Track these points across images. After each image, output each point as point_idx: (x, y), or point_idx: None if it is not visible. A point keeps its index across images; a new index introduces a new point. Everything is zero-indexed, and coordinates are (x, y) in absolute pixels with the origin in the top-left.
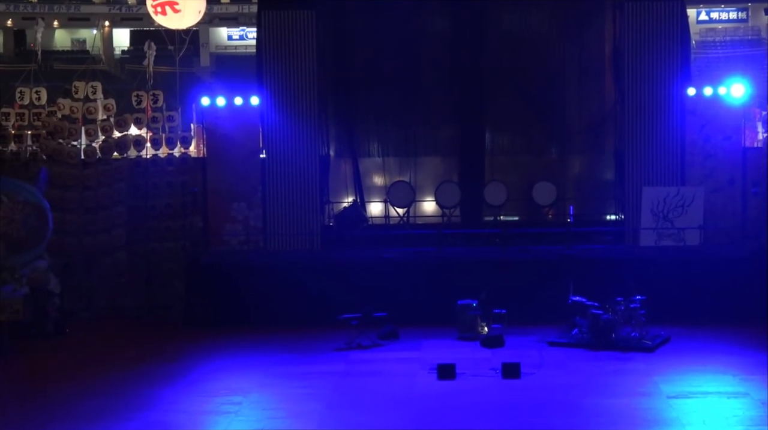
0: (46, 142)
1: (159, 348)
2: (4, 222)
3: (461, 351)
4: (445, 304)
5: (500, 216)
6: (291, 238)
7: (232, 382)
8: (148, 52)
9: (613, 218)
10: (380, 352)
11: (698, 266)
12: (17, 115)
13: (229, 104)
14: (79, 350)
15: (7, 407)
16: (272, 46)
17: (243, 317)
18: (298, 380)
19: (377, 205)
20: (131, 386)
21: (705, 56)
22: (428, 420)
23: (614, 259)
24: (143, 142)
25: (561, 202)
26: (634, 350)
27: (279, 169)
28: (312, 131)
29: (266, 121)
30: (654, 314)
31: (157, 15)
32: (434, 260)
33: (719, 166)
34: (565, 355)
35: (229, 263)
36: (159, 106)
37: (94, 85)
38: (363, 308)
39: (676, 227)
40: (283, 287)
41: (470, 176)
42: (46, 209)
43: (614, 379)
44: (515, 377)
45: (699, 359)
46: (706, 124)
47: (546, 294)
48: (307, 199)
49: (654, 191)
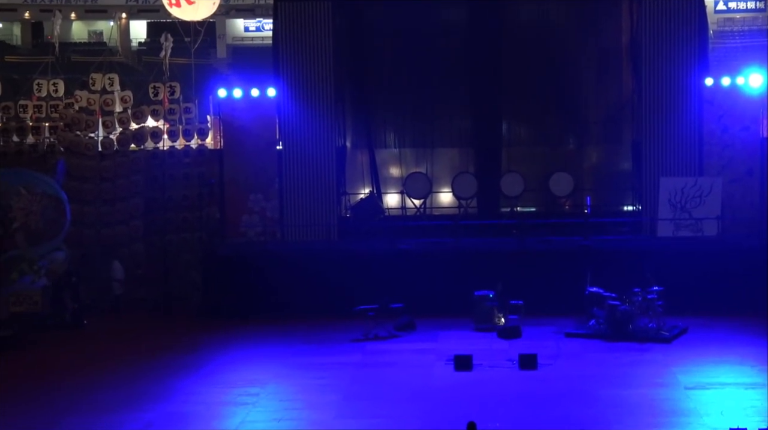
0: (64, 134)
1: (176, 339)
2: (23, 214)
3: (478, 342)
4: (461, 295)
5: (517, 207)
6: (308, 229)
7: (250, 373)
8: (165, 44)
9: (630, 208)
10: (397, 343)
11: (716, 257)
12: (35, 108)
13: (246, 96)
14: (96, 340)
15: (27, 397)
16: (289, 38)
17: (260, 308)
18: (315, 370)
19: (394, 196)
20: (149, 377)
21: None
22: (445, 411)
23: (631, 250)
24: (160, 134)
25: (578, 193)
26: (652, 340)
27: (296, 161)
28: (329, 123)
29: (283, 113)
30: (671, 305)
31: (171, 7)
32: (451, 251)
33: (737, 157)
34: (583, 346)
35: (245, 254)
36: (176, 97)
37: (111, 77)
38: (380, 299)
39: (693, 217)
40: (299, 278)
41: (487, 167)
42: (64, 201)
43: (632, 370)
44: (532, 368)
45: (716, 349)
46: (724, 114)
47: (563, 285)
48: (324, 191)
49: (671, 182)
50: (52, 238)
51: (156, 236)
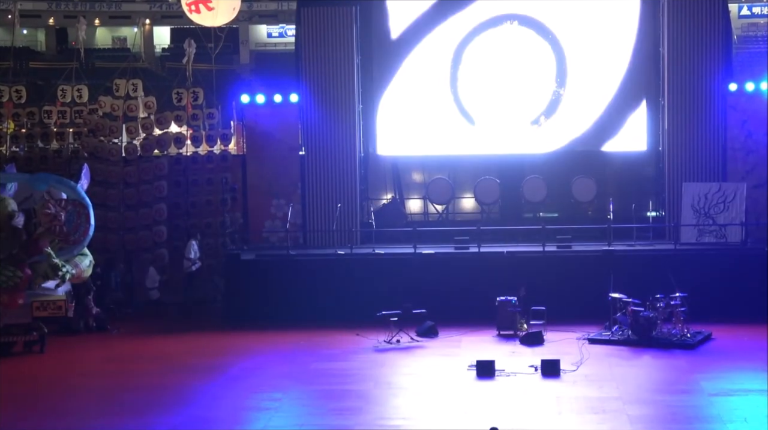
0: (88, 139)
1: (200, 343)
2: (47, 219)
3: (500, 348)
4: (484, 300)
5: (540, 213)
6: (330, 234)
7: (272, 378)
8: (188, 50)
9: (653, 214)
10: (419, 348)
11: (740, 263)
12: (59, 113)
13: (269, 101)
14: (121, 344)
15: (52, 400)
16: (312, 43)
17: (282, 313)
18: (336, 376)
19: (416, 202)
20: (173, 381)
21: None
22: (467, 416)
23: (655, 255)
24: (183, 140)
25: (601, 199)
26: (675, 347)
27: (318, 166)
28: (351, 128)
29: (305, 118)
30: (695, 311)
31: (191, 13)
32: (473, 257)
33: (761, 162)
34: (606, 352)
35: (268, 260)
36: (199, 103)
37: (134, 83)
38: (402, 304)
39: (717, 223)
40: (322, 283)
41: (509, 172)
42: (88, 206)
43: (655, 376)
44: (555, 374)
45: (740, 356)
46: (748, 119)
47: (586, 291)
48: (347, 196)
49: (695, 187)
50: (76, 243)
51: (179, 242)
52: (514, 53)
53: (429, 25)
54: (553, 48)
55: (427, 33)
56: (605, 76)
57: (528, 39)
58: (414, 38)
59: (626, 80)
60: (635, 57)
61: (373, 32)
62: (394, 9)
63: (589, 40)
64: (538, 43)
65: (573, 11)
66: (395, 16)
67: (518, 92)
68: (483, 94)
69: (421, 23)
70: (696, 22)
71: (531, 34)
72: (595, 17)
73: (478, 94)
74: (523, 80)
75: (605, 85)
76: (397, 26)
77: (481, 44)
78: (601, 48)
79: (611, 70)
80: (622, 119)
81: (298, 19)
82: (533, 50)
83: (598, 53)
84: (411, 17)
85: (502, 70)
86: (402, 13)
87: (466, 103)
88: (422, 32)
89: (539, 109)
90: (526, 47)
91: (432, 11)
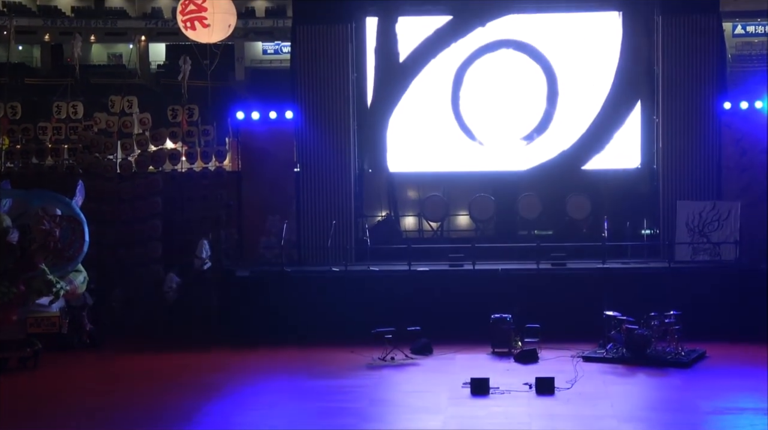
0: (83, 155)
1: (195, 360)
2: (42, 235)
3: (495, 366)
4: (478, 318)
5: (534, 230)
6: (325, 251)
7: (267, 395)
8: (184, 67)
9: (648, 232)
10: (414, 366)
11: (734, 281)
12: (54, 129)
13: (264, 118)
14: (115, 361)
15: (47, 418)
16: (307, 60)
17: (277, 330)
18: (331, 393)
19: (411, 219)
20: (166, 399)
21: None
22: None
23: (649, 273)
24: (178, 156)
25: (595, 217)
26: (670, 365)
27: (313, 183)
28: (346, 145)
29: (301, 135)
30: (689, 329)
31: (187, 30)
32: (468, 274)
33: (756, 180)
34: (600, 370)
35: (263, 276)
36: (194, 120)
37: (130, 100)
38: (397, 321)
39: (711, 241)
40: (317, 300)
41: (504, 190)
42: (83, 222)
43: (650, 394)
44: (549, 392)
45: (735, 375)
46: (742, 137)
47: (580, 308)
48: (342, 213)
49: (689, 205)
50: (71, 259)
51: (174, 258)
52: (510, 76)
53: (433, 49)
54: (544, 71)
55: (431, 57)
56: (598, 94)
57: (522, 63)
58: (420, 62)
59: (620, 98)
60: (628, 74)
61: (382, 54)
62: (403, 34)
63: (581, 62)
64: (531, 67)
65: (564, 34)
66: (403, 40)
67: (513, 111)
68: (483, 112)
69: (427, 47)
70: (690, 41)
71: (525, 58)
72: (585, 40)
73: (478, 112)
74: (518, 100)
75: (598, 103)
76: (405, 49)
77: (480, 67)
78: (593, 68)
79: (604, 89)
80: (617, 137)
81: (293, 36)
82: (527, 73)
83: (590, 73)
84: (417, 41)
85: (499, 91)
86: (409, 38)
87: (468, 121)
88: (428, 56)
89: (532, 126)
90: (521, 70)
91: (435, 38)
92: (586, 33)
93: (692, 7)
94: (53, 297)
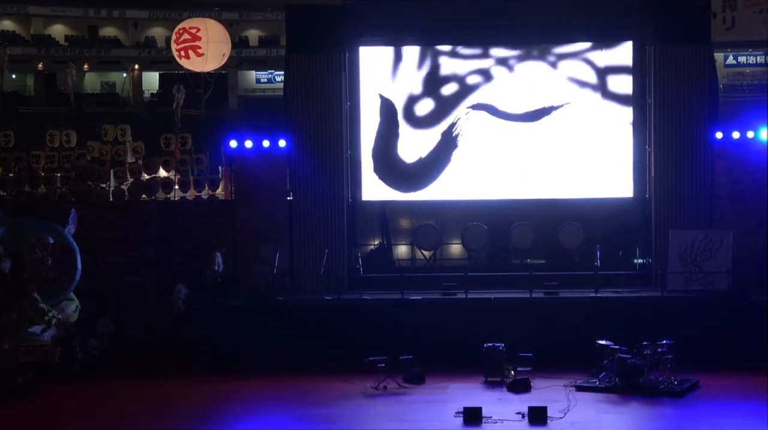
0: (76, 184)
1: (188, 388)
2: (35, 263)
3: (487, 395)
4: (471, 347)
5: (527, 259)
6: (318, 280)
7: (259, 423)
8: (177, 96)
9: (640, 261)
10: (406, 395)
11: (727, 310)
12: (47, 158)
13: (257, 147)
14: (107, 389)
15: None
16: (300, 89)
17: (270, 358)
18: (324, 422)
19: (404, 247)
20: (158, 427)
21: (733, 100)
22: None
23: (642, 302)
24: (171, 185)
25: (588, 246)
26: (663, 394)
27: (306, 212)
28: (339, 174)
29: (294, 164)
30: (682, 359)
31: (181, 59)
32: (461, 303)
33: (748, 210)
34: (593, 399)
35: (256, 304)
36: (187, 148)
37: (123, 128)
38: (389, 350)
39: (704, 270)
40: (309, 329)
41: (497, 219)
42: (76, 251)
43: (642, 424)
44: (542, 422)
45: (728, 404)
46: (734, 167)
47: (573, 337)
48: (334, 242)
49: (682, 235)
50: (63, 288)
51: (167, 286)
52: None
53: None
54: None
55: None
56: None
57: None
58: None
59: (613, 127)
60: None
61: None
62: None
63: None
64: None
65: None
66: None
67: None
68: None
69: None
70: (682, 72)
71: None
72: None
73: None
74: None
75: (591, 133)
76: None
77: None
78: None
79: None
80: (609, 167)
81: (286, 65)
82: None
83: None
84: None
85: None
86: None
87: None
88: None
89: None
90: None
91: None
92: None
93: (684, 38)
94: (45, 326)
